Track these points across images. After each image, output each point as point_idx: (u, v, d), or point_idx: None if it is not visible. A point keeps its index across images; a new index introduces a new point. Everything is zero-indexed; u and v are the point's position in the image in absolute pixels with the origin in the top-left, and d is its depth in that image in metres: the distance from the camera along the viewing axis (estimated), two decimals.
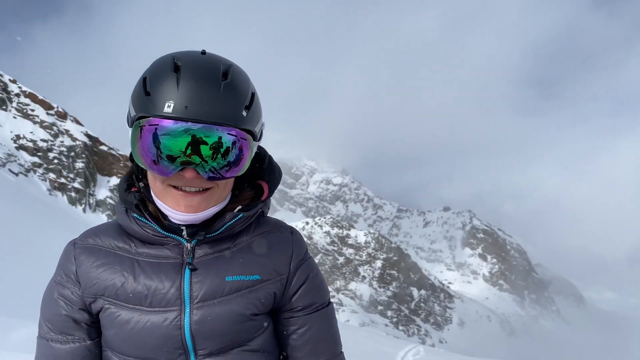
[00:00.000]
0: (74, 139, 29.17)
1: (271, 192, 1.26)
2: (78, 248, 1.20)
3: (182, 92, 1.02)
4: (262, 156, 1.26)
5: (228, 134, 1.05)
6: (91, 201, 28.17)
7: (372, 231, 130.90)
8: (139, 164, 1.09)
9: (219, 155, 1.06)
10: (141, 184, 1.21)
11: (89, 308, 1.19)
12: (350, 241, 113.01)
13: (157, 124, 1.03)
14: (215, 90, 1.04)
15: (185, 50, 1.13)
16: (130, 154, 1.16)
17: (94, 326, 1.21)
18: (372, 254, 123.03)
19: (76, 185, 27.61)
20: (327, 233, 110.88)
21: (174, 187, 1.11)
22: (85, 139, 29.85)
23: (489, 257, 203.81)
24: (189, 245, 1.17)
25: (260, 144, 1.21)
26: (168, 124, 1.02)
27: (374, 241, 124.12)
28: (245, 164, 1.11)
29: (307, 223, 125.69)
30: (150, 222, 1.15)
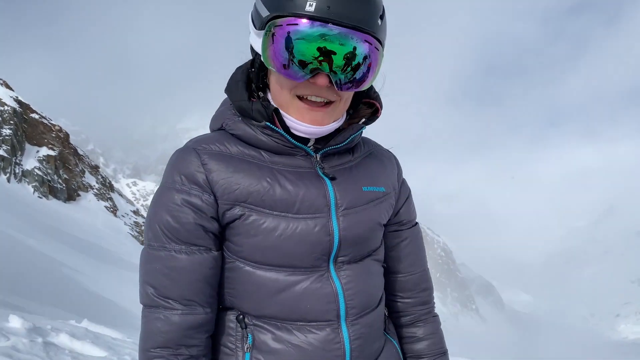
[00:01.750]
0: (2, 104, 27.52)
1: (381, 109, 1.25)
2: (204, 154, 1.14)
3: None
4: None
5: (365, 41, 1.03)
6: (17, 170, 26.77)
7: None
8: (270, 68, 1.06)
9: (350, 66, 1.04)
10: (261, 94, 1.18)
11: (220, 216, 1.14)
12: None
13: (296, 24, 0.99)
14: None
15: None
16: (252, 60, 1.18)
17: (219, 236, 1.17)
18: None
19: (1, 152, 26.16)
20: None
21: (300, 98, 1.10)
22: (15, 105, 28.21)
23: None
24: (318, 156, 1.18)
25: None
26: (305, 26, 0.99)
27: None
28: (375, 76, 1.10)
29: None
30: (282, 131, 1.12)
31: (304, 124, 1.11)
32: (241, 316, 1.17)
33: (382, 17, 1.07)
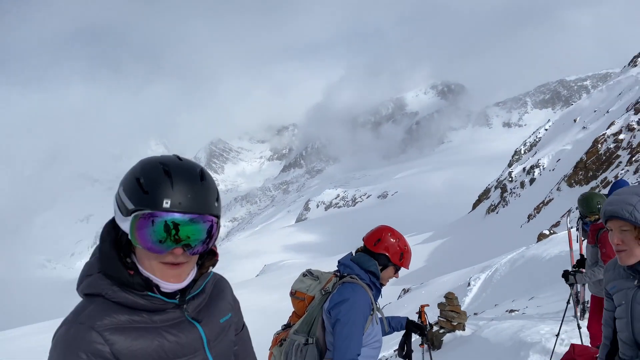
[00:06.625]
0: None
1: (218, 254, 1.62)
2: (103, 330, 1.36)
3: (176, 191, 1.37)
4: None
5: (207, 221, 1.42)
6: None
7: None
8: (138, 246, 1.38)
9: (205, 237, 1.43)
10: (128, 260, 1.46)
11: None
12: None
13: (157, 215, 1.35)
14: (198, 189, 1.41)
15: (162, 155, 1.50)
16: (117, 239, 1.47)
17: None
18: None
19: None
20: None
21: (162, 263, 1.41)
22: None
23: None
24: (184, 306, 1.50)
25: None
26: (171, 215, 1.36)
27: None
28: (215, 240, 1.50)
29: None
30: (160, 296, 1.44)
31: (169, 283, 1.43)
32: None
33: (217, 198, 1.48)
